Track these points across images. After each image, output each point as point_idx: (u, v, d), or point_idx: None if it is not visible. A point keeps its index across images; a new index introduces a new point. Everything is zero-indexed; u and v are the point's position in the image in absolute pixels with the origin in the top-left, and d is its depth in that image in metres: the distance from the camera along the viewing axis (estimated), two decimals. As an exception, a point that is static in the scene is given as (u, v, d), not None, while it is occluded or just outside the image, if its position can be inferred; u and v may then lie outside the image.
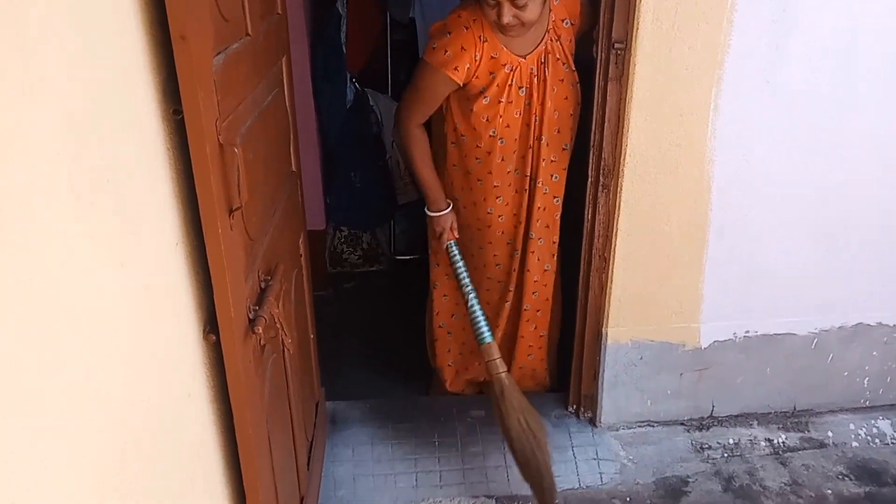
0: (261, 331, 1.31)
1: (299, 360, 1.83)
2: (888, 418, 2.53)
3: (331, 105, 3.01)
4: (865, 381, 2.48)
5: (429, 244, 2.44)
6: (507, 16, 1.90)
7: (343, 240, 3.42)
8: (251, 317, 1.32)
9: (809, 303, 2.34)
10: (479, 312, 2.17)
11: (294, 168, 1.85)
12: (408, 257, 3.51)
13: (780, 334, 2.37)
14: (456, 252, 2.26)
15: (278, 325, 1.42)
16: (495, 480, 2.28)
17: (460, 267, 2.23)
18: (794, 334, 2.38)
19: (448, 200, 2.28)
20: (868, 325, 2.38)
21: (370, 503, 2.17)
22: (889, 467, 2.39)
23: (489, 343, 2.14)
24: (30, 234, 0.74)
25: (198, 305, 1.25)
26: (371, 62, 3.33)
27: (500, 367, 2.13)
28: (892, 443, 2.48)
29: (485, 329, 2.15)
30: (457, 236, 2.28)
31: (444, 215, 2.27)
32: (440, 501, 2.19)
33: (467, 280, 2.21)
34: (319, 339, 2.24)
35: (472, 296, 2.18)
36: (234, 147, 1.19)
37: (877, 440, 2.49)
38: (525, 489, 2.23)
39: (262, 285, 1.44)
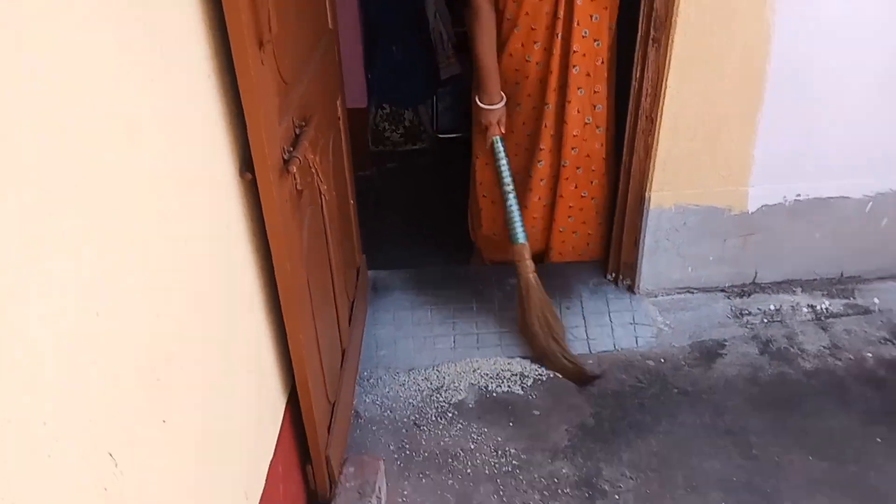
0: (295, 170, 1.30)
1: (339, 221, 1.85)
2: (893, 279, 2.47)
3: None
4: (919, 248, 2.40)
5: (472, 118, 2.36)
6: None
7: (385, 118, 3.37)
8: (286, 157, 1.32)
9: (866, 164, 2.24)
10: (515, 212, 2.16)
11: (331, 26, 1.78)
12: (451, 135, 3.46)
13: (832, 198, 2.29)
14: (501, 149, 2.20)
15: (314, 171, 1.42)
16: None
17: (503, 164, 2.18)
18: (848, 197, 2.29)
19: (502, 93, 2.18)
20: (926, 187, 2.27)
21: (410, 362, 2.24)
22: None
23: (521, 244, 2.16)
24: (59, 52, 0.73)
25: (234, 144, 1.24)
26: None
27: (529, 268, 2.17)
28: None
29: (519, 229, 2.16)
30: (503, 131, 2.22)
31: (494, 109, 2.18)
32: (477, 361, 2.25)
33: (508, 178, 2.17)
34: (361, 217, 2.26)
35: (511, 195, 2.17)
36: (261, -27, 1.14)
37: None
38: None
39: (297, 131, 1.42)
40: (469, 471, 1.90)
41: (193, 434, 1.04)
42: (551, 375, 2.20)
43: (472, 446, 1.97)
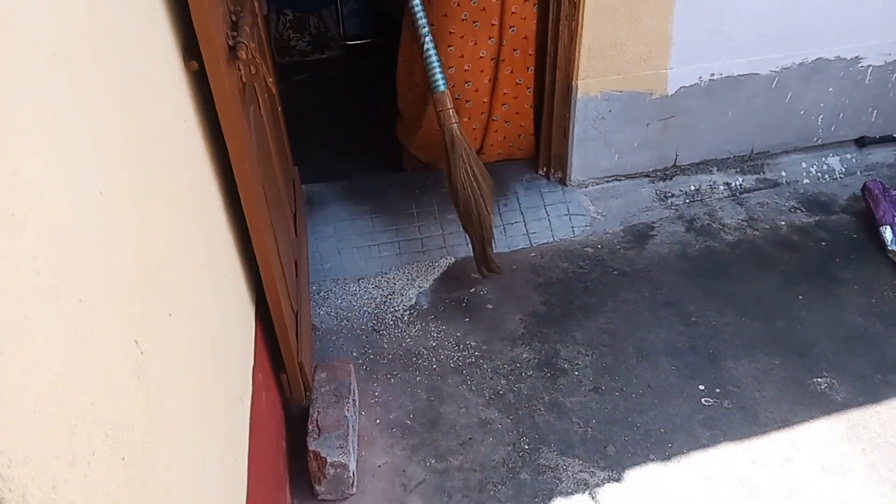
0: (243, 56, 1.20)
1: (274, 126, 1.74)
2: (837, 154, 2.68)
3: None
4: (819, 119, 2.58)
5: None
6: None
7: (288, 25, 3.16)
8: (231, 43, 1.21)
9: (773, 40, 2.35)
10: (434, 58, 2.03)
11: None
12: (359, 42, 3.31)
13: (743, 75, 2.40)
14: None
15: (258, 61, 1.32)
16: (475, 243, 2.34)
17: (418, 7, 2.02)
18: (757, 74, 2.41)
19: None
20: (827, 59, 2.42)
21: (358, 272, 2.21)
22: (837, 198, 2.56)
23: (442, 92, 2.04)
24: None
25: (174, 31, 1.12)
26: None
27: (453, 118, 2.05)
28: (841, 177, 2.65)
29: (439, 76, 2.03)
30: None
31: None
32: (425, 264, 2.24)
33: (424, 22, 2.02)
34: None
35: (427, 39, 2.02)
36: None
37: (826, 176, 2.65)
38: (502, 246, 2.32)
39: (234, 17, 1.31)
40: (434, 366, 1.92)
41: (204, 331, 0.98)
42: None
43: (434, 343, 1.99)
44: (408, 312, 2.07)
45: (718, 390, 1.86)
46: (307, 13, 3.10)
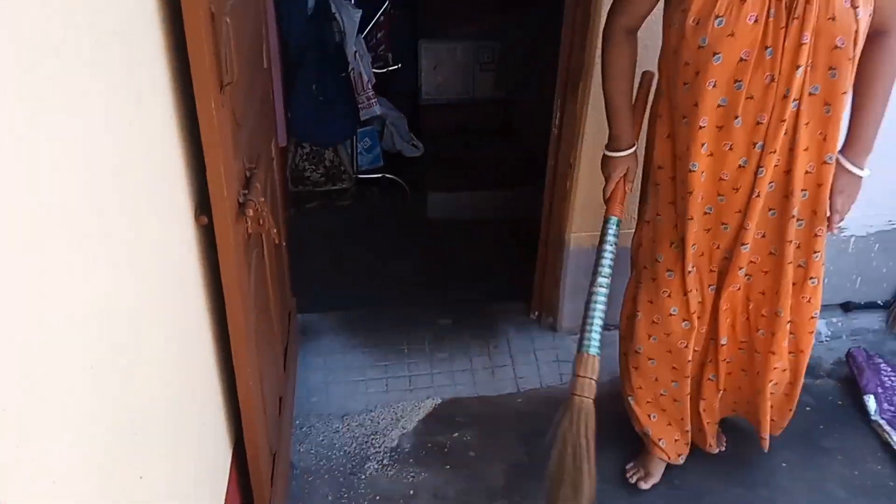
0: (251, 213, 1.28)
1: (276, 264, 1.82)
2: (824, 318, 2.73)
3: (291, 12, 2.88)
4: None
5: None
6: None
7: (305, 157, 3.32)
8: (241, 200, 1.30)
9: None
10: (598, 306, 1.73)
11: (266, 65, 1.78)
12: (371, 175, 3.47)
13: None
14: (613, 230, 1.75)
15: (265, 215, 1.40)
16: (462, 383, 2.35)
17: (606, 248, 1.74)
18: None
19: (634, 141, 1.71)
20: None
21: (344, 408, 2.21)
22: (822, 362, 2.59)
23: (588, 355, 1.73)
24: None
25: (190, 187, 1.21)
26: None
27: (588, 391, 1.72)
28: (827, 340, 2.68)
29: (595, 337, 1.74)
30: (630, 190, 1.76)
31: (621, 157, 1.70)
32: (410, 403, 2.24)
33: (606, 265, 1.75)
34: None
35: (601, 287, 1.73)
36: (224, 16, 1.14)
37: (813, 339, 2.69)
38: (490, 389, 2.33)
39: (248, 173, 1.40)
40: (410, 516, 1.88)
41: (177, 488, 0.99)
42: (485, 413, 2.23)
43: (411, 492, 1.95)
44: (388, 455, 2.05)
45: (700, 562, 1.81)
46: (324, 147, 3.27)
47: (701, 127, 1.49)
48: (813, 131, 1.49)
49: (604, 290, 1.71)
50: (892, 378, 2.38)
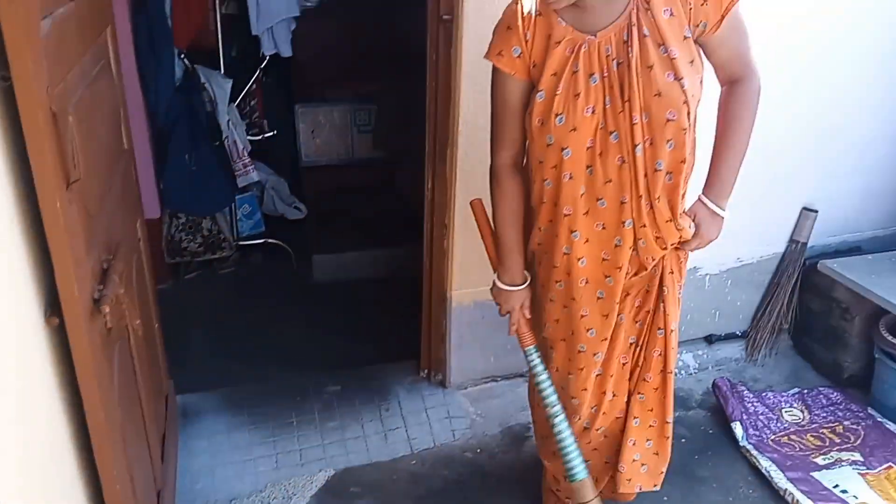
0: (108, 310, 1.24)
1: (146, 350, 1.75)
2: (690, 351, 2.93)
3: (158, 82, 2.84)
4: (671, 320, 2.85)
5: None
6: None
7: (181, 227, 3.22)
8: (96, 297, 1.25)
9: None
10: (569, 440, 1.71)
11: (126, 146, 1.75)
12: (253, 242, 3.41)
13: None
14: (535, 359, 1.75)
15: (124, 307, 1.36)
16: (355, 451, 2.32)
17: (542, 378, 1.73)
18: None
19: (527, 274, 1.75)
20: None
21: (231, 491, 2.12)
22: (693, 394, 2.76)
23: (581, 481, 1.73)
24: None
25: (38, 287, 1.16)
26: (200, 38, 3.16)
27: None
28: (695, 372, 2.87)
29: (577, 463, 1.71)
30: (528, 316, 1.79)
31: (516, 291, 1.74)
32: (302, 478, 2.19)
33: (552, 395, 1.71)
34: (163, 333, 2.13)
35: (559, 419, 1.71)
36: (67, 115, 1.12)
37: (682, 372, 2.87)
38: (384, 454, 2.32)
39: (105, 265, 1.36)
40: None
41: None
42: (380, 480, 2.21)
43: (307, 571, 1.90)
44: (281, 536, 1.99)
45: None
46: (201, 216, 3.20)
47: (566, 215, 1.56)
48: (664, 204, 1.57)
49: (561, 417, 1.71)
50: (755, 403, 2.58)
